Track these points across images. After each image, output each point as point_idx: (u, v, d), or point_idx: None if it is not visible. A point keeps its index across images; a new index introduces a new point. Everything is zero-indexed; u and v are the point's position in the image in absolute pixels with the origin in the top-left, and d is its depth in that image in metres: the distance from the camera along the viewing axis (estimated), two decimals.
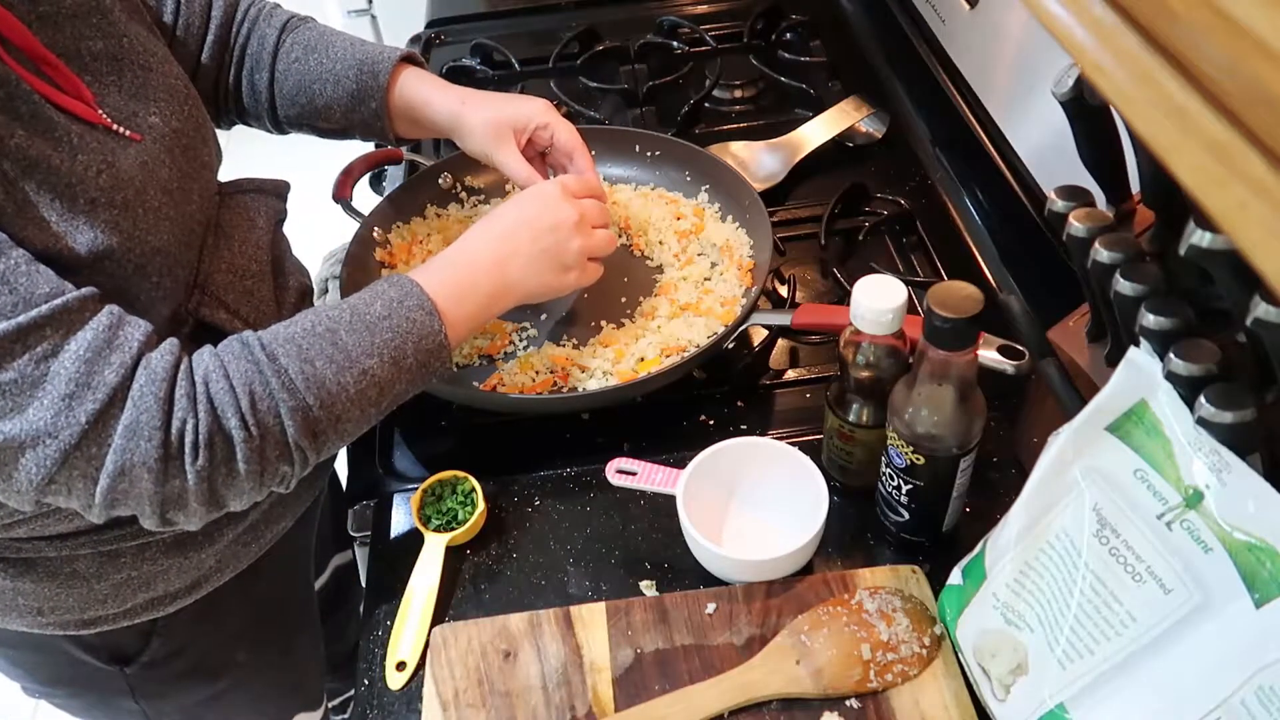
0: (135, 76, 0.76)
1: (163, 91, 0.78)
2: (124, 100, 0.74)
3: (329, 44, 0.96)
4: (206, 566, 0.87)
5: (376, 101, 0.95)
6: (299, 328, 0.71)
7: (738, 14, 1.52)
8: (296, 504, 0.94)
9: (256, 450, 0.67)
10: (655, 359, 0.94)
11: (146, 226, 0.71)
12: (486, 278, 0.81)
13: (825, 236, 1.11)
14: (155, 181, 0.73)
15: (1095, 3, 0.35)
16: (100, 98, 0.73)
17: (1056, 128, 0.74)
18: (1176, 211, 0.68)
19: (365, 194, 1.19)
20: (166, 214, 0.73)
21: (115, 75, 0.75)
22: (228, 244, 0.83)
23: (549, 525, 0.87)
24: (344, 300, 0.76)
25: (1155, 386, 0.58)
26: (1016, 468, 0.87)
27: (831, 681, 0.72)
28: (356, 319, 0.72)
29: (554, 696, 0.73)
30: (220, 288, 0.81)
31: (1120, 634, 0.59)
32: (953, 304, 0.66)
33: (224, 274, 0.82)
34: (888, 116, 1.27)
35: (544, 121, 0.96)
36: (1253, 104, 0.28)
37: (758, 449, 0.83)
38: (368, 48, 0.97)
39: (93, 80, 0.73)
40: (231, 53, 0.96)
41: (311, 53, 0.96)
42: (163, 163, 0.74)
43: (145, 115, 0.75)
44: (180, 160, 0.77)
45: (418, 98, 0.95)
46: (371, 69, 0.94)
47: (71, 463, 0.63)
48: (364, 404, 0.72)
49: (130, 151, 0.72)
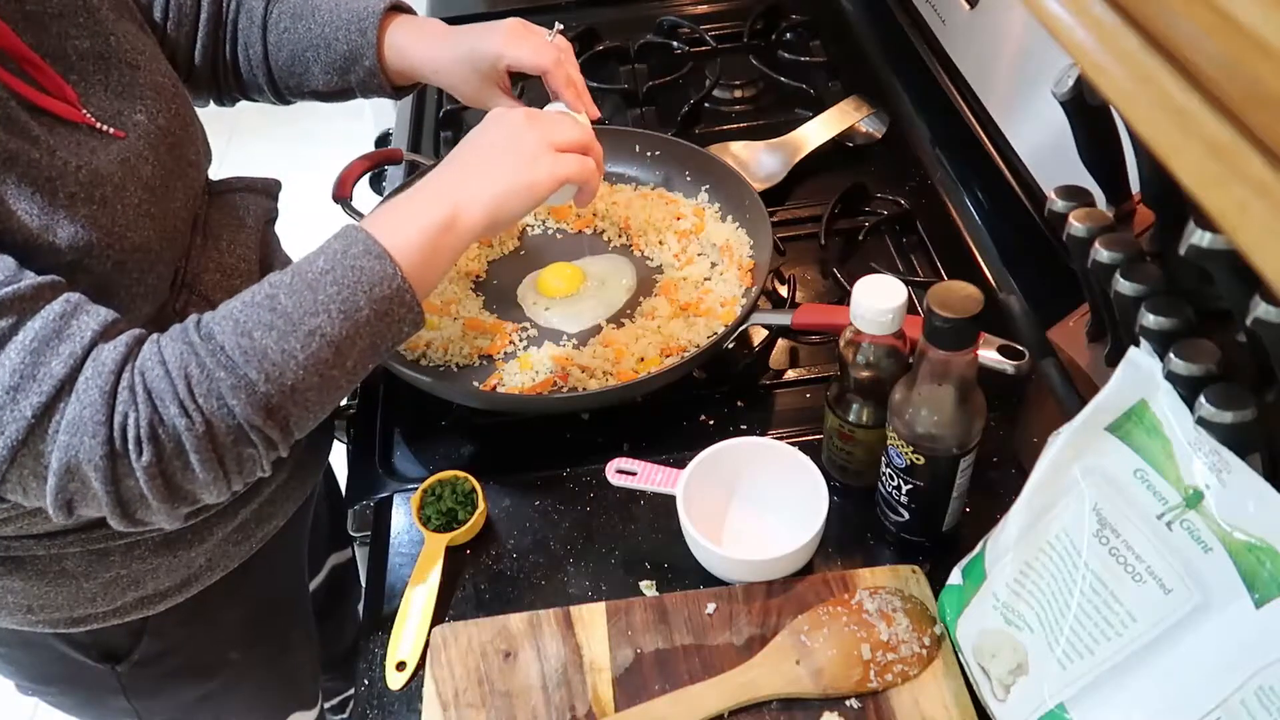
0: (122, 74, 0.76)
1: (150, 90, 0.77)
2: (109, 99, 0.74)
3: (315, 7, 0.94)
4: (196, 565, 0.87)
5: (370, 59, 0.93)
6: (239, 301, 0.67)
7: (738, 14, 1.52)
8: (288, 503, 0.93)
9: (204, 438, 0.62)
10: (655, 359, 0.94)
11: (126, 223, 0.70)
12: (439, 204, 0.71)
13: (825, 236, 1.11)
14: (137, 178, 0.72)
15: (1095, 3, 0.35)
16: (85, 97, 0.72)
17: (1056, 128, 0.74)
18: (1176, 211, 0.68)
19: (365, 194, 1.19)
20: (148, 211, 0.72)
21: (102, 74, 0.75)
22: (215, 243, 0.83)
23: (549, 525, 0.87)
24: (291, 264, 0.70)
25: (1155, 386, 0.58)
26: (1016, 468, 0.87)
27: (831, 681, 0.72)
28: (298, 279, 0.66)
29: (554, 696, 0.73)
30: (208, 287, 0.80)
31: (1120, 634, 0.59)
32: (953, 304, 0.66)
33: (212, 273, 0.81)
34: (888, 116, 1.27)
35: (507, 60, 0.91)
36: (1253, 104, 0.28)
37: (758, 449, 0.83)
38: (353, 4, 0.94)
39: (79, 79, 0.73)
40: (225, 29, 0.95)
41: (299, 20, 0.94)
42: (145, 160, 0.74)
43: (130, 113, 0.75)
44: (165, 158, 0.76)
45: (402, 52, 0.94)
46: (359, 26, 0.93)
47: (20, 460, 0.60)
48: (321, 368, 0.65)
49: (112, 149, 0.72)
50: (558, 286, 1.04)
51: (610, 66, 1.44)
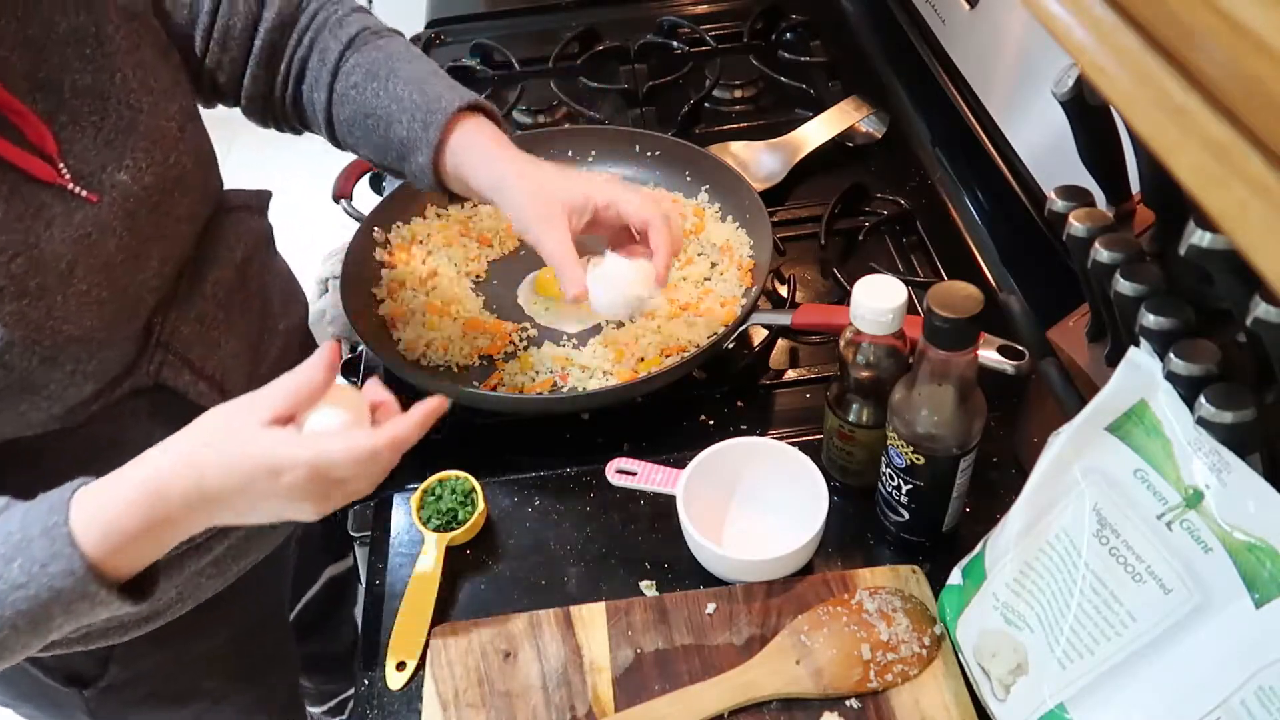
0: (120, 117, 0.70)
1: (147, 138, 0.71)
2: (96, 147, 0.68)
3: (392, 72, 0.82)
4: (166, 599, 0.84)
5: (424, 157, 0.80)
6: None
7: (738, 14, 1.52)
8: (265, 544, 0.92)
9: None
10: (655, 359, 0.94)
11: (64, 315, 0.65)
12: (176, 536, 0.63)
13: (825, 236, 1.11)
14: (93, 258, 0.66)
15: (1095, 3, 0.35)
16: (68, 144, 0.67)
17: (1056, 128, 0.74)
18: (1176, 211, 0.68)
19: (365, 194, 1.19)
20: (97, 297, 0.67)
21: (97, 115, 0.69)
22: (199, 289, 0.77)
23: (549, 525, 0.87)
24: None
25: (1155, 386, 0.58)
26: (1016, 468, 0.87)
27: (831, 681, 0.72)
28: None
29: (554, 696, 0.73)
30: (185, 343, 0.75)
31: (1120, 634, 0.59)
32: (953, 304, 0.66)
33: (191, 325, 0.75)
34: (888, 116, 1.27)
35: (605, 199, 0.79)
36: (1253, 104, 0.28)
37: (758, 449, 0.83)
38: (433, 87, 0.81)
39: (69, 120, 0.67)
40: (290, 63, 0.84)
41: (372, 79, 0.82)
42: (112, 232, 0.68)
43: (114, 170, 0.69)
44: (141, 224, 0.70)
45: (465, 158, 0.80)
46: (424, 117, 0.79)
47: None
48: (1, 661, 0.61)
49: (76, 218, 0.66)
50: (557, 287, 1.04)
51: (610, 66, 1.44)
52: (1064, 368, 0.79)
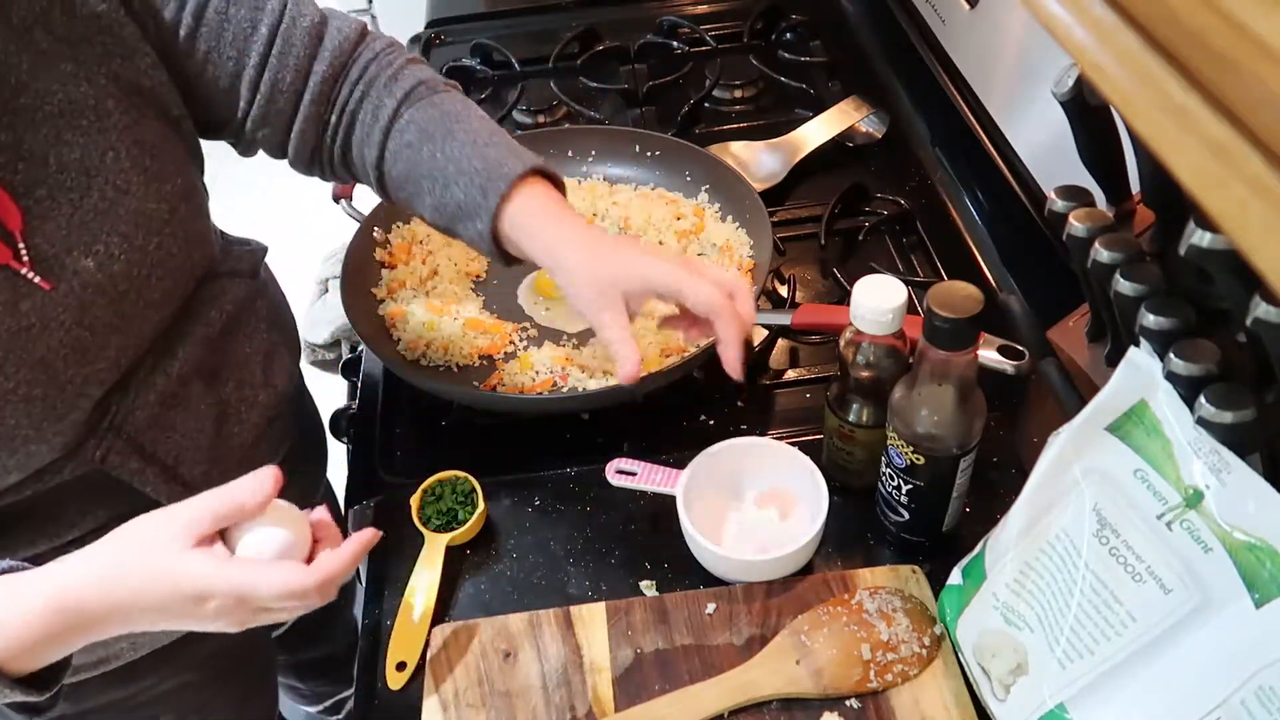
0: (102, 198, 0.67)
1: (127, 223, 0.69)
2: (67, 229, 0.66)
3: (449, 133, 0.78)
4: (117, 647, 0.81)
5: (483, 224, 0.77)
6: None
7: (738, 14, 1.52)
8: None
9: None
10: (655, 359, 0.94)
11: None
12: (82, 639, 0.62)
13: (825, 236, 1.11)
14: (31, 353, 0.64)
15: (1095, 3, 0.35)
16: (37, 223, 0.64)
17: (1056, 128, 0.74)
18: (1176, 211, 0.68)
19: (365, 194, 1.18)
20: (24, 394, 0.64)
21: (77, 193, 0.66)
22: (168, 363, 0.74)
23: (549, 525, 0.87)
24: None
25: (1155, 386, 0.58)
26: (1016, 468, 0.87)
27: (831, 681, 0.72)
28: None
29: (554, 696, 0.73)
30: (139, 426, 0.72)
31: (1120, 634, 0.59)
32: (953, 304, 0.66)
33: (151, 407, 0.72)
34: (888, 116, 1.27)
35: (667, 288, 0.74)
36: (1253, 104, 0.28)
37: (758, 449, 0.83)
38: (492, 151, 0.78)
39: (45, 195, 0.65)
40: (341, 116, 0.80)
41: (428, 140, 0.78)
42: (59, 324, 0.65)
43: (80, 255, 0.66)
44: (99, 313, 0.67)
45: (524, 227, 0.77)
46: (483, 183, 0.76)
47: None
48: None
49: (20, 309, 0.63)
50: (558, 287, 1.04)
51: (610, 66, 1.44)
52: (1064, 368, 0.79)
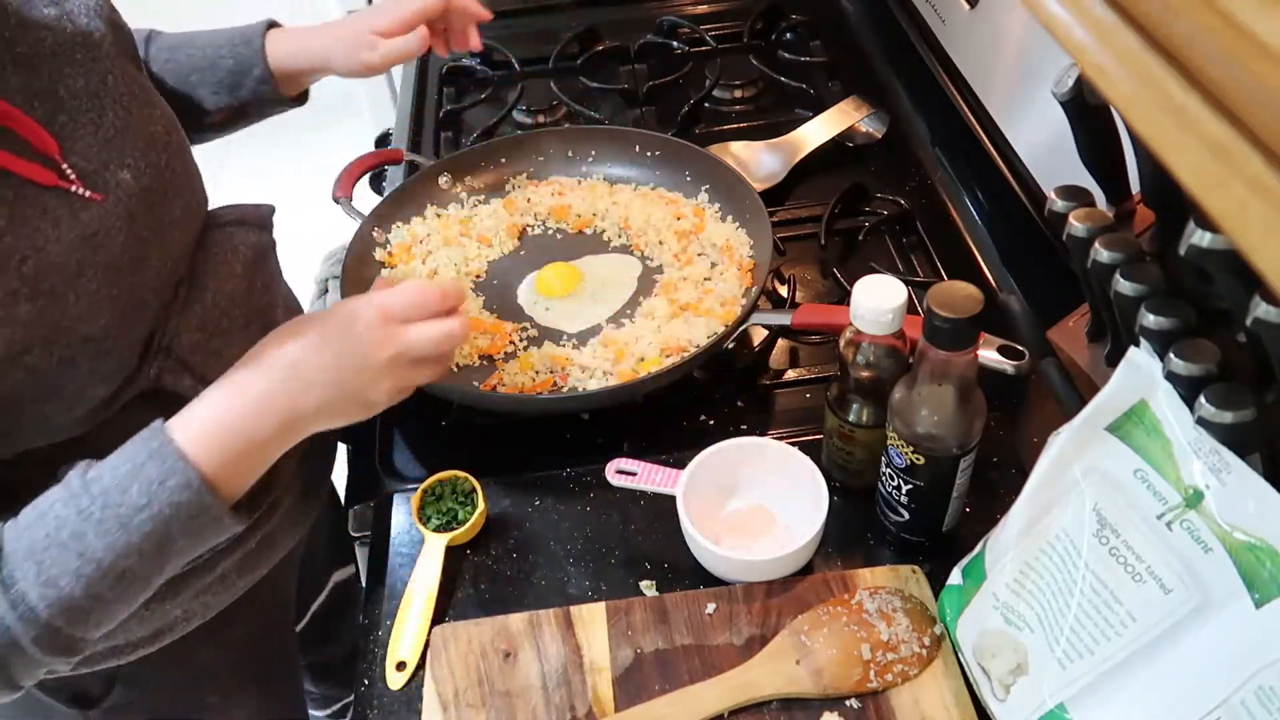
0: (116, 117, 0.71)
1: (141, 139, 0.73)
2: (97, 146, 0.69)
3: (192, 36, 0.95)
4: (171, 617, 0.84)
5: (260, 68, 0.93)
6: (41, 532, 0.62)
7: (738, 14, 1.52)
8: (273, 552, 0.91)
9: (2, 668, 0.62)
10: (655, 359, 0.94)
11: (79, 314, 0.65)
12: (269, 420, 0.67)
13: (825, 236, 1.11)
14: (101, 257, 0.67)
15: (1095, 3, 0.35)
16: (70, 144, 0.68)
17: (1056, 128, 0.74)
18: (1176, 211, 0.69)
19: (365, 194, 1.19)
20: (108, 295, 0.67)
21: (94, 114, 0.70)
22: (200, 296, 0.78)
23: (549, 525, 0.87)
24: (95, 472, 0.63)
25: (1155, 386, 0.58)
26: (1016, 468, 0.87)
27: (831, 681, 0.72)
28: (108, 513, 0.62)
29: (554, 696, 0.73)
30: (186, 349, 0.75)
31: (1120, 634, 0.59)
32: (953, 304, 0.66)
33: (193, 333, 0.76)
34: (888, 116, 1.27)
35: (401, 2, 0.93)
36: (1253, 104, 0.28)
37: (758, 449, 0.83)
38: (229, 30, 0.96)
39: (68, 120, 0.68)
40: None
41: (178, 50, 0.94)
42: (118, 231, 0.69)
43: (116, 169, 0.70)
44: (141, 223, 0.71)
45: (290, 49, 0.94)
46: (243, 38, 0.94)
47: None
48: (128, 598, 0.65)
49: (81, 219, 0.66)
50: (558, 286, 1.04)
51: (610, 66, 1.45)
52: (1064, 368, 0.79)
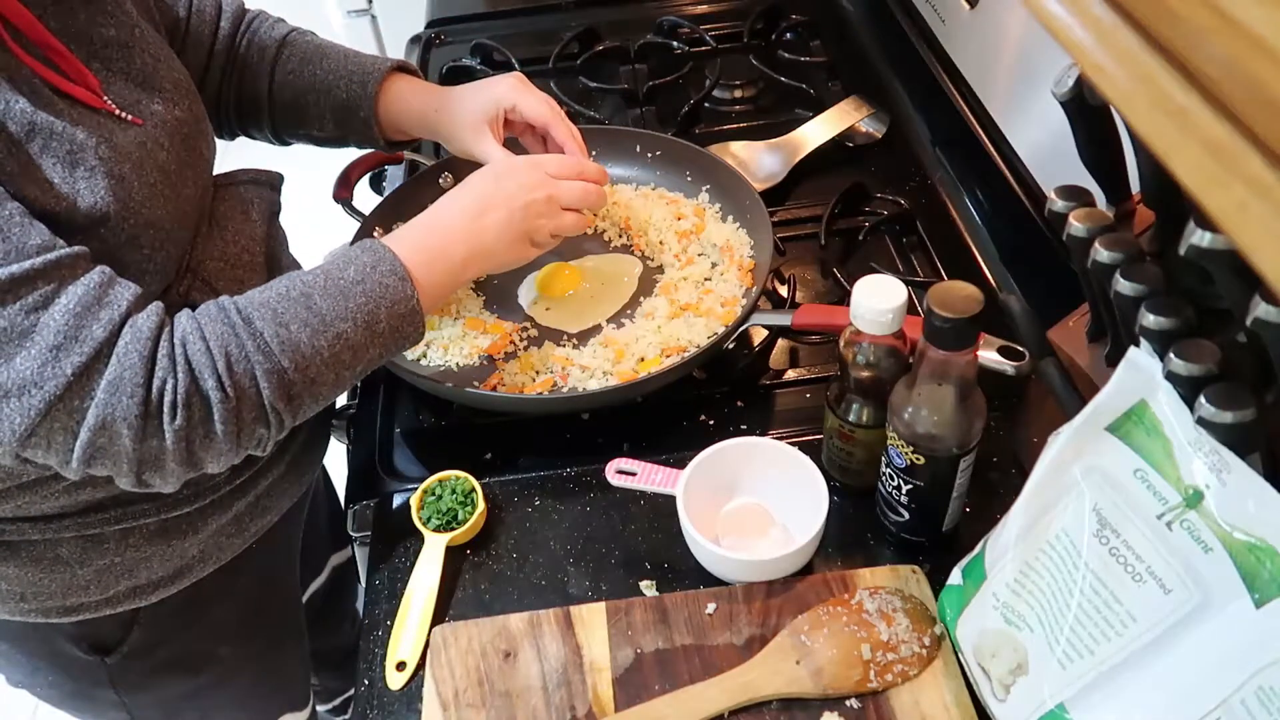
0: (144, 64, 0.78)
1: (168, 83, 0.80)
2: (129, 87, 0.76)
3: (324, 55, 0.99)
4: (190, 556, 0.87)
5: (365, 111, 0.98)
6: (274, 292, 0.73)
7: (738, 14, 1.52)
8: (283, 499, 0.94)
9: (233, 412, 0.68)
10: (655, 359, 0.94)
11: (142, 199, 0.72)
12: (459, 246, 0.82)
13: (825, 236, 1.11)
14: (153, 161, 0.74)
15: (1095, 3, 0.35)
16: (106, 84, 0.74)
17: (1056, 128, 0.74)
18: (1176, 211, 0.68)
19: (365, 194, 1.19)
20: (162, 191, 0.74)
21: (124, 61, 0.77)
22: (220, 233, 0.84)
23: (549, 525, 0.87)
24: (318, 265, 0.76)
25: (1155, 386, 0.58)
26: (1016, 468, 0.87)
27: (831, 681, 0.72)
28: (330, 283, 0.74)
29: (554, 696, 0.73)
30: (211, 274, 0.82)
31: (1120, 634, 0.59)
32: (953, 304, 0.66)
33: (216, 261, 0.83)
34: (888, 116, 1.27)
35: (509, 103, 0.96)
36: (1253, 104, 0.28)
37: (758, 449, 0.83)
38: (361, 59, 0.99)
39: (101, 67, 0.75)
40: (235, 62, 0.98)
41: (307, 64, 0.99)
42: (161, 146, 0.76)
43: (149, 103, 0.77)
44: (179, 148, 0.78)
45: (399, 106, 0.98)
46: (361, 79, 0.97)
47: (54, 414, 0.64)
48: (338, 367, 0.73)
49: (130, 133, 0.73)
50: (558, 286, 1.04)
51: (610, 66, 1.44)
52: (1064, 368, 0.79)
